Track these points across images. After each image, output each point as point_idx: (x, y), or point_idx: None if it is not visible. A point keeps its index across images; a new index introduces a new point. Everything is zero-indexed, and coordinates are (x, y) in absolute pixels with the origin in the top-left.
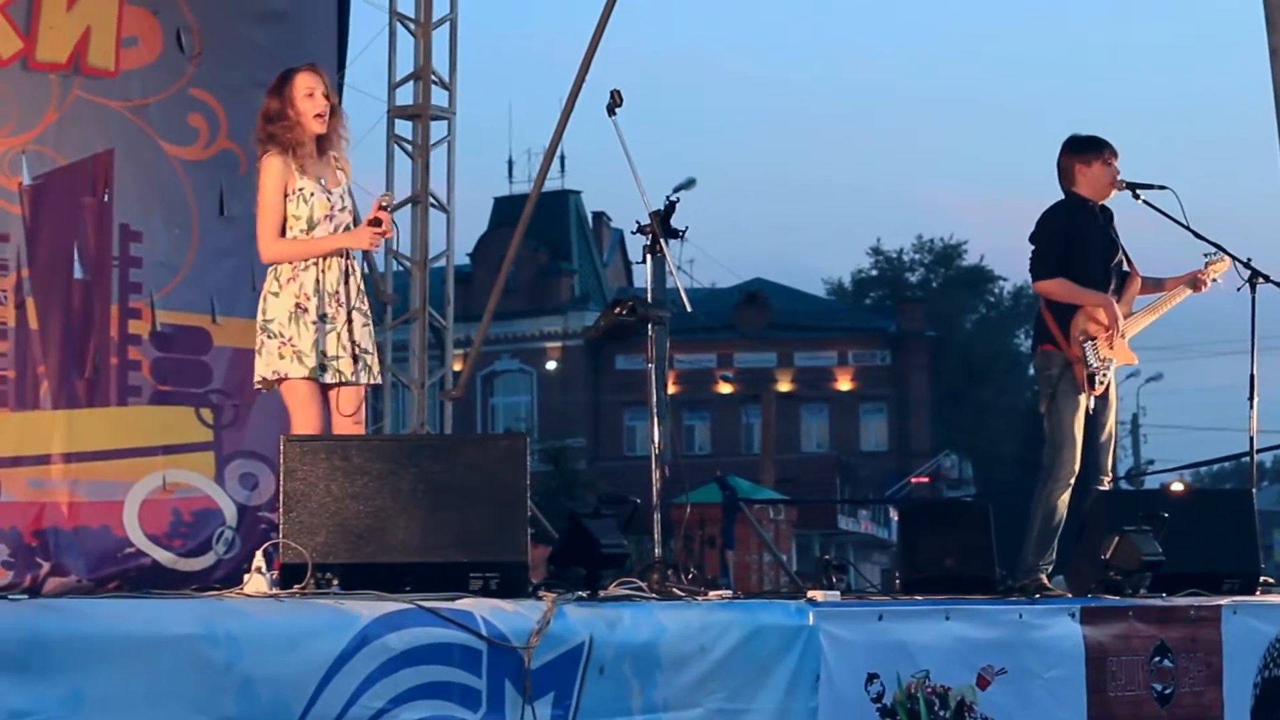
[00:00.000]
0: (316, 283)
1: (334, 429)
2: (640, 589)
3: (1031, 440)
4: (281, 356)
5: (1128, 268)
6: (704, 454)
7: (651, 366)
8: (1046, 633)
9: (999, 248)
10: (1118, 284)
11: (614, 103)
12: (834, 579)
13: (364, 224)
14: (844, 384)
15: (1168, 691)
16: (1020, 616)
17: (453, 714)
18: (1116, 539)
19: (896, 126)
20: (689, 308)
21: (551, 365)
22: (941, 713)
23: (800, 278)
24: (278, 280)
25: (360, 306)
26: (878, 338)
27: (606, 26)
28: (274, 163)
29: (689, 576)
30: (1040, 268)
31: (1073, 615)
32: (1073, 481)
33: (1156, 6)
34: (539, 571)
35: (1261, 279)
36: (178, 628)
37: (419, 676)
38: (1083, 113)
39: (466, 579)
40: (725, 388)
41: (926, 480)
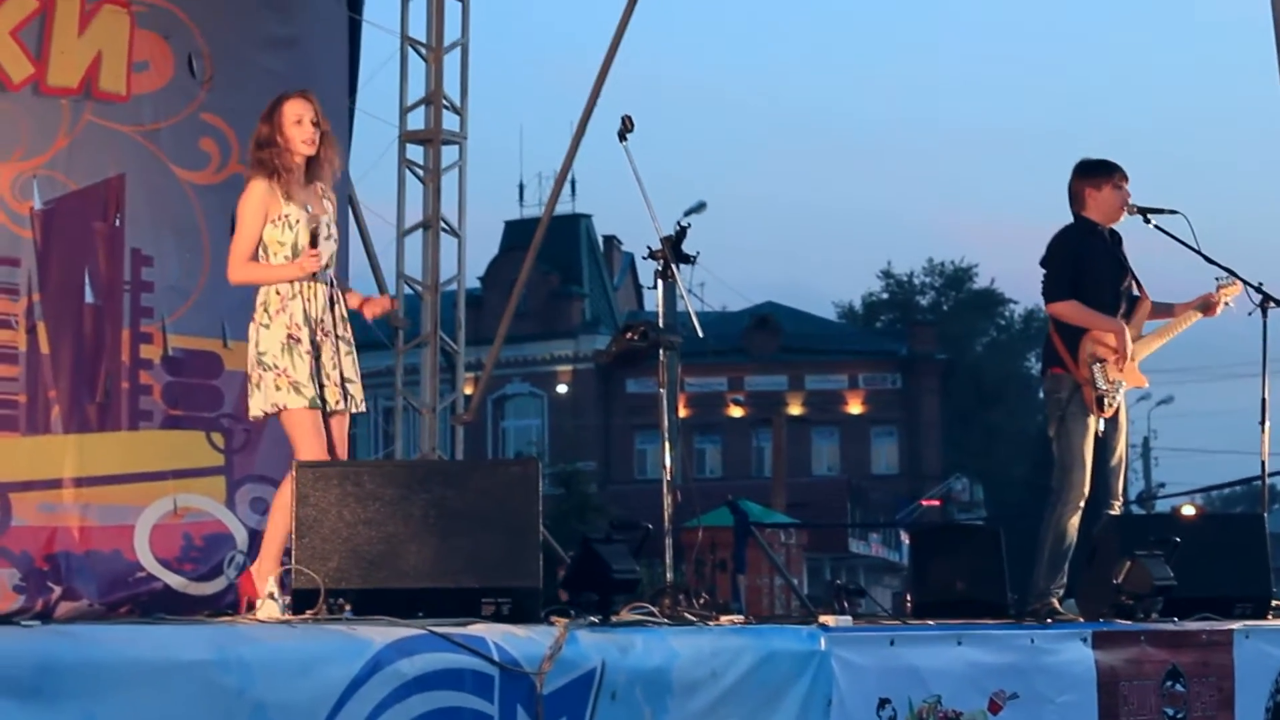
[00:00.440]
0: (305, 313)
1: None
2: (652, 614)
3: (1042, 463)
4: (278, 388)
5: (1137, 291)
6: (715, 477)
7: (663, 391)
8: (1058, 657)
9: (1010, 271)
10: (1128, 308)
11: (625, 129)
12: (847, 604)
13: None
14: (855, 407)
15: (1180, 716)
16: (1032, 641)
17: None
18: (1128, 563)
19: (906, 150)
20: (701, 333)
21: (562, 389)
22: None
23: (811, 301)
24: (267, 312)
25: (344, 335)
26: (888, 361)
27: (618, 51)
28: (258, 187)
29: (701, 601)
30: (1052, 290)
31: (1084, 640)
32: (1082, 505)
33: (1166, 32)
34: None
35: (1273, 303)
36: (190, 653)
37: (431, 702)
38: (1093, 137)
39: (479, 604)
40: (736, 411)
41: (937, 503)
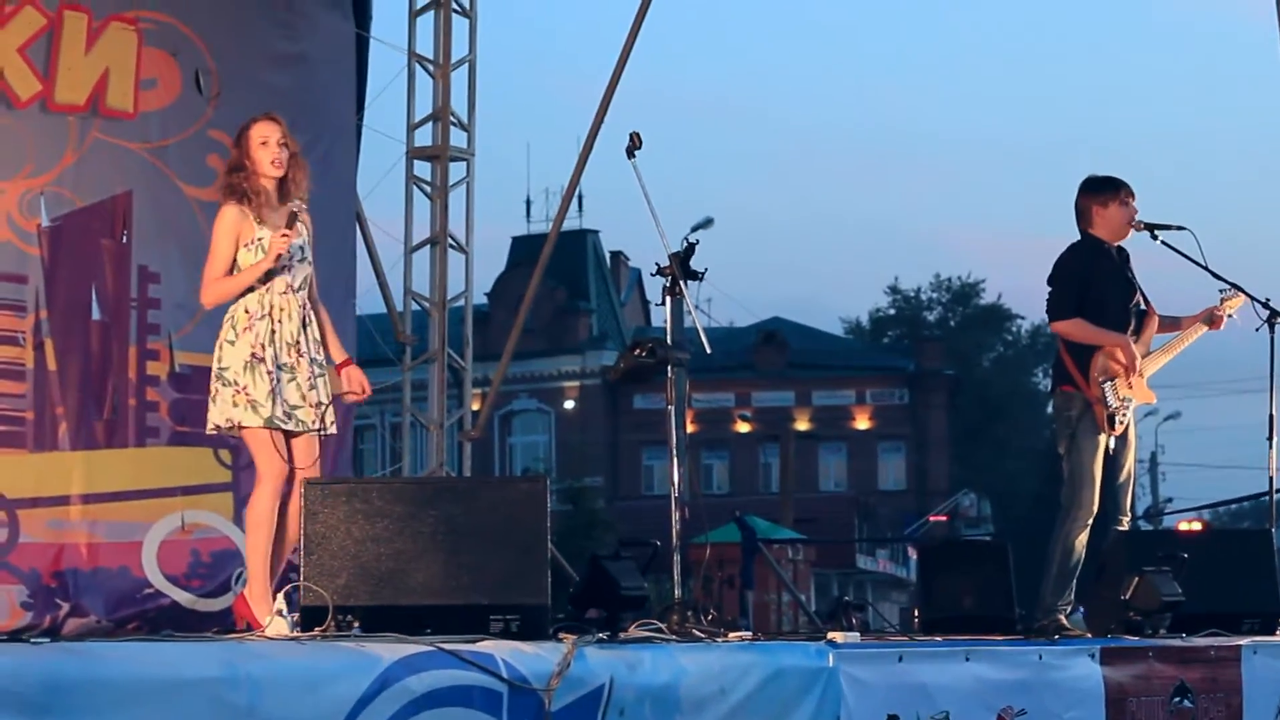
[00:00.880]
0: (272, 333)
1: (295, 478)
2: (660, 630)
3: (1050, 479)
4: (235, 405)
5: (1144, 307)
6: (722, 493)
7: (671, 408)
8: (1066, 673)
9: (1017, 286)
10: (1136, 324)
11: (633, 145)
12: (852, 619)
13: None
14: (862, 423)
15: None
16: (1040, 657)
17: None
18: (1136, 579)
19: (914, 165)
20: (709, 349)
21: (569, 405)
22: None
23: (818, 317)
24: (234, 329)
25: (317, 357)
26: (896, 377)
27: (625, 67)
28: (229, 212)
29: (708, 618)
30: (1058, 309)
31: (1092, 656)
32: (1091, 521)
33: (1174, 44)
34: None
35: None
36: (199, 670)
37: (440, 719)
38: (1101, 152)
39: (487, 621)
40: (743, 427)
41: (945, 519)
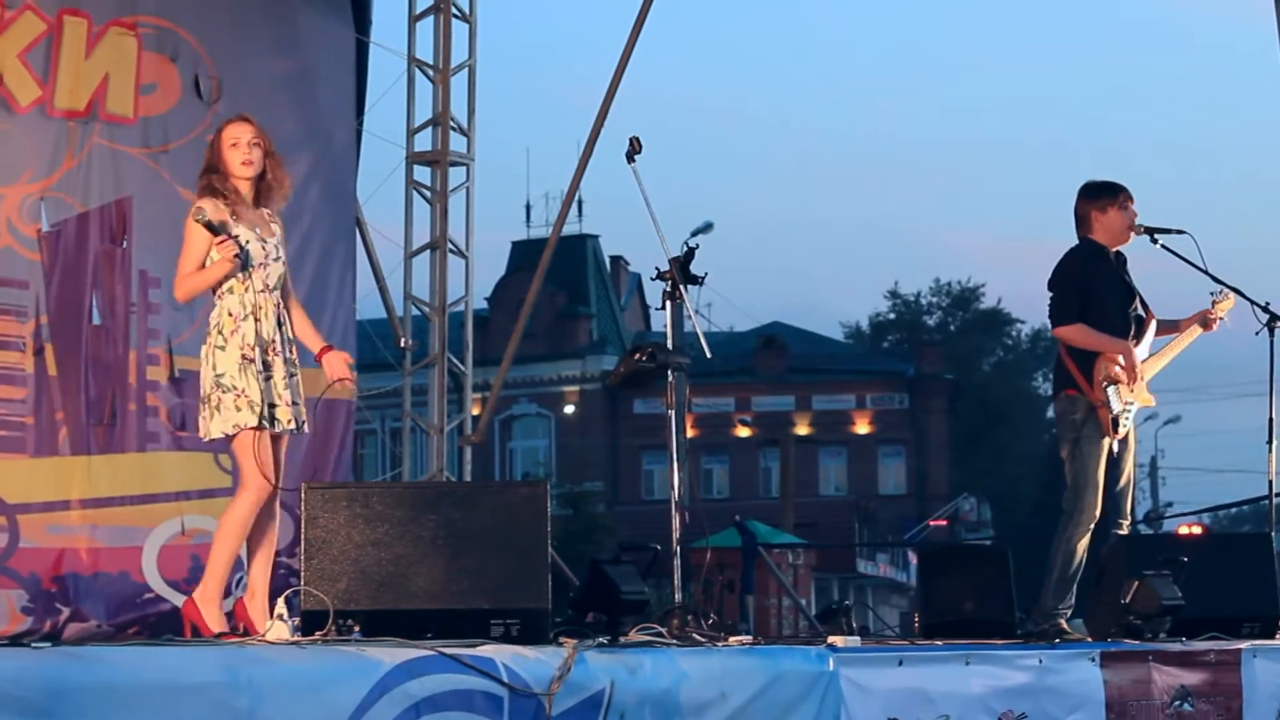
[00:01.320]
0: (257, 333)
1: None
2: (661, 635)
3: (1050, 483)
4: (238, 409)
5: (1143, 311)
6: (722, 498)
7: (671, 412)
8: (1066, 677)
9: (1017, 291)
10: (1137, 329)
11: (633, 150)
12: (843, 623)
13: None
14: (862, 427)
15: None
16: (1040, 661)
17: None
18: (1136, 583)
19: (914, 170)
20: (709, 354)
21: (569, 409)
22: None
23: (818, 321)
24: (221, 334)
25: (290, 357)
26: (895, 381)
27: (625, 72)
28: (205, 206)
29: (709, 622)
30: (1060, 314)
31: (1093, 660)
32: (1093, 526)
33: (1173, 47)
34: None
35: (1279, 322)
36: (200, 675)
37: None
38: (1101, 155)
39: (488, 625)
40: (743, 431)
41: (945, 523)
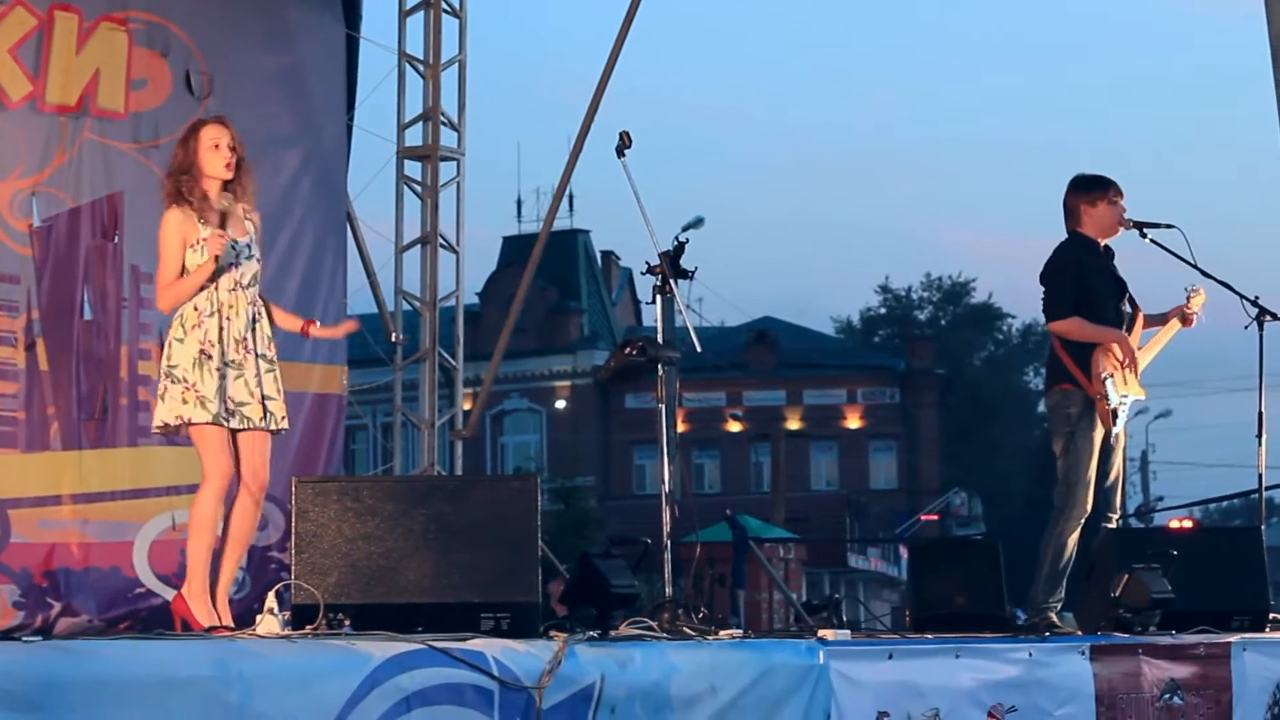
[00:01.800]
0: (221, 330)
1: (242, 475)
2: (651, 629)
3: (1041, 477)
4: (184, 402)
5: (1129, 306)
6: (713, 492)
7: (662, 407)
8: (1056, 670)
9: (1007, 285)
10: (1128, 323)
11: (623, 144)
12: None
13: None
14: (853, 422)
15: None
16: (1030, 654)
17: None
18: (1126, 577)
19: (905, 165)
20: (699, 348)
21: (561, 404)
22: None
23: (809, 316)
24: (183, 327)
25: (266, 354)
26: (887, 376)
27: (615, 67)
28: (174, 215)
29: (699, 616)
30: (1055, 308)
31: (1082, 653)
32: (1084, 520)
33: (1164, 45)
34: (557, 604)
35: (1269, 316)
36: (191, 669)
37: (431, 717)
38: (1090, 152)
39: (478, 619)
40: (735, 426)
41: (936, 518)
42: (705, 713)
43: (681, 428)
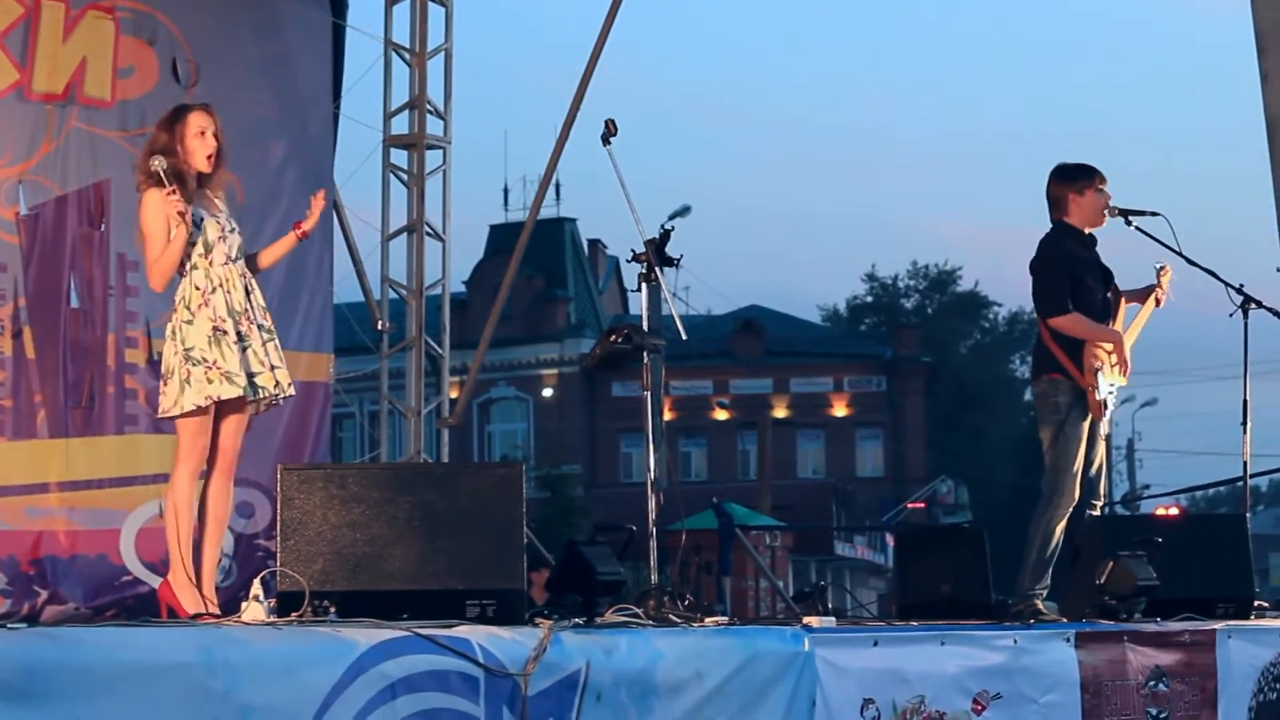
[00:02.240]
0: (227, 304)
1: (219, 454)
2: (637, 616)
3: (1028, 466)
4: (210, 381)
5: (1111, 293)
6: (700, 480)
7: (648, 394)
8: (1042, 658)
9: (993, 274)
10: (1113, 310)
11: (608, 132)
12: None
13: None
14: (840, 410)
15: (1163, 716)
16: (1015, 642)
17: None
18: (1111, 564)
19: (891, 154)
20: (684, 335)
21: (547, 392)
22: None
23: (796, 304)
24: (189, 309)
25: (264, 323)
26: (873, 364)
27: (601, 55)
28: (153, 195)
29: (685, 603)
30: (1053, 303)
31: (1068, 640)
32: (1071, 509)
33: (1151, 38)
34: (538, 592)
35: (1254, 304)
36: (176, 656)
37: (416, 704)
38: (1076, 141)
39: (463, 606)
40: (721, 414)
41: (922, 506)
42: (691, 699)
43: (668, 416)
